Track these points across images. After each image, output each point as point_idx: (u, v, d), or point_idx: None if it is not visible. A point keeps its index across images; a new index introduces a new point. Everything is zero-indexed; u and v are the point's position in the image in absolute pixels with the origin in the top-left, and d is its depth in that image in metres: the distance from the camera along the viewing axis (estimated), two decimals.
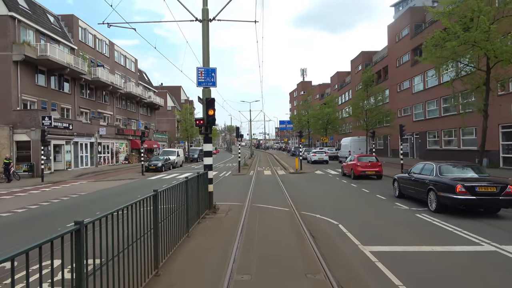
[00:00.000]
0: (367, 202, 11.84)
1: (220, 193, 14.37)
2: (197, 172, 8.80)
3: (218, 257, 5.98)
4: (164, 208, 5.55)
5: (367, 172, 18.92)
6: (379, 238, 7.14)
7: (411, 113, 34.11)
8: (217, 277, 5.04)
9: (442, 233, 7.52)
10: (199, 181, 8.77)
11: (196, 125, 10.05)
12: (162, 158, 30.75)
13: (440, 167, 10.29)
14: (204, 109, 10.00)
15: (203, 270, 5.48)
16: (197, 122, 10.00)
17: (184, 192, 7.11)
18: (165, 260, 5.54)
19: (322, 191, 15.09)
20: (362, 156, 20.42)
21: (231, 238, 7.08)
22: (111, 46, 40.61)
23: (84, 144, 30.90)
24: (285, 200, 12.12)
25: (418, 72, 32.63)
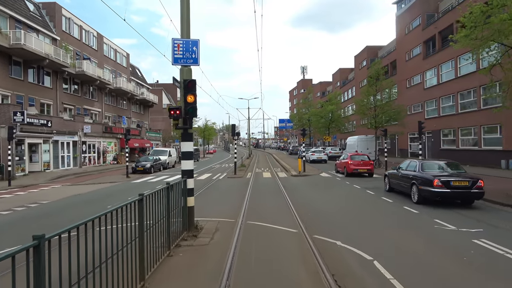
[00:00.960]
0: (399, 220, 9.18)
1: (208, 203, 11.72)
2: (167, 183, 6.12)
3: None
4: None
5: (359, 170, 19.91)
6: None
7: (423, 110, 31.47)
8: None
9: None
10: (170, 195, 6.12)
11: (171, 117, 7.37)
12: (152, 159, 28.06)
13: (422, 164, 11.62)
14: (182, 94, 7.34)
15: None
16: (172, 113, 7.34)
17: (147, 212, 4.54)
18: None
19: (335, 200, 12.41)
20: (355, 155, 21.46)
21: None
22: (99, 39, 37.87)
23: (65, 143, 28.18)
24: (290, 215, 9.45)
25: (431, 65, 30.00)
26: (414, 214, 9.53)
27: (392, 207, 10.70)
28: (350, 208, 10.76)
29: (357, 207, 10.79)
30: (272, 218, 8.98)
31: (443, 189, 10.02)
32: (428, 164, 11.78)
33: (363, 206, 11.03)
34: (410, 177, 11.62)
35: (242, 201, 11.79)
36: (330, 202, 11.90)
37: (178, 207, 6.84)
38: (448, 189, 10.02)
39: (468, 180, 10.17)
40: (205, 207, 10.92)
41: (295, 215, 9.20)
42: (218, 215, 9.62)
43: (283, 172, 24.04)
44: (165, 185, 6.01)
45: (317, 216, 9.41)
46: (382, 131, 23.02)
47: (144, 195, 4.73)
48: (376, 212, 10.08)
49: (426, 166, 11.50)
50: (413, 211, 9.89)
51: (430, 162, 12.19)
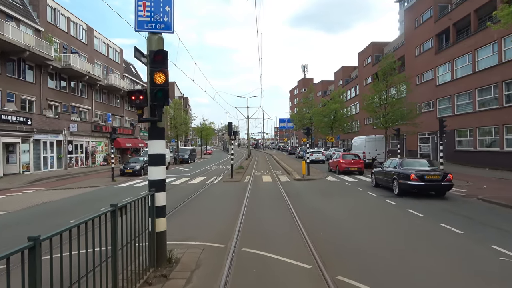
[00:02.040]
0: (448, 247, 7.00)
1: (195, 216, 9.52)
2: (110, 207, 3.89)
3: None
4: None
5: (350, 168, 21.45)
6: None
7: (435, 108, 29.26)
8: None
9: None
10: (117, 223, 3.92)
11: (132, 104, 5.18)
12: (142, 160, 25.86)
13: (402, 161, 13.42)
14: (148, 72, 5.14)
15: None
16: (133, 98, 5.14)
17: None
18: None
19: (352, 213, 10.19)
20: (346, 155, 23.22)
21: None
22: (89, 32, 35.66)
23: (48, 142, 25.96)
24: (298, 237, 7.23)
25: (445, 60, 27.80)
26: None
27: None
28: (376, 226, 8.55)
29: (384, 226, 8.59)
30: (275, 243, 6.77)
31: (418, 182, 11.75)
32: (407, 161, 13.67)
33: (393, 226, 8.84)
34: (392, 173, 13.30)
35: (237, 214, 9.58)
36: (346, 217, 9.68)
37: (142, 234, 4.67)
38: (423, 182, 11.74)
39: (440, 174, 11.96)
40: (190, 223, 8.73)
41: (305, 238, 6.98)
42: (205, 235, 7.43)
43: (284, 175, 21.82)
44: (109, 208, 3.81)
45: (334, 239, 7.20)
46: (395, 130, 20.81)
47: None
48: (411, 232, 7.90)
49: (406, 163, 13.31)
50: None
51: (409, 160, 14.27)
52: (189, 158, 41.32)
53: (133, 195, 14.21)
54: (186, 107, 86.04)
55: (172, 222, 8.88)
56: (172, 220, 9.13)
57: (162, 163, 5.47)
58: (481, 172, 20.12)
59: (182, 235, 7.45)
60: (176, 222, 8.97)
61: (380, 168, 14.74)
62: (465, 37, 25.63)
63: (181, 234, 7.60)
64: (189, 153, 42.15)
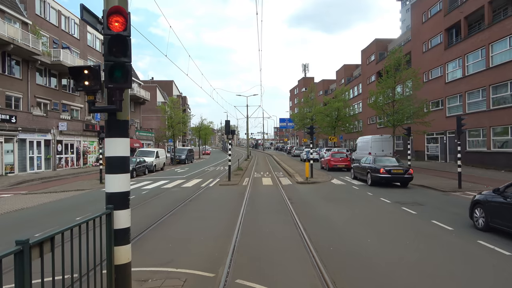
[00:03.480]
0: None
1: (179, 232, 7.99)
2: (15, 245, 2.41)
3: None
4: None
5: (338, 165, 23.90)
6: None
7: (444, 106, 27.80)
8: None
9: None
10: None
11: (78, 87, 3.70)
12: (135, 161, 24.35)
13: (374, 158, 16.92)
14: (107, 45, 3.65)
15: None
16: (80, 78, 3.66)
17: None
18: None
19: (371, 226, 8.71)
20: (335, 153, 26.10)
21: None
22: (82, 27, 34.12)
23: (35, 142, 24.45)
24: (308, 265, 5.74)
25: (455, 56, 26.33)
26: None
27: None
28: (396, 238, 7.08)
29: (403, 237, 7.12)
30: (280, 272, 5.28)
31: (386, 175, 14.95)
32: (378, 158, 16.98)
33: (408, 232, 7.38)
34: (366, 167, 16.50)
35: (232, 228, 8.09)
36: (366, 233, 8.19)
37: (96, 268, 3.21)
38: (389, 175, 14.95)
39: (403, 168, 15.22)
40: (174, 239, 7.23)
41: (317, 266, 5.49)
42: (191, 259, 5.95)
43: (286, 178, 20.34)
44: (11, 249, 2.35)
45: (357, 272, 5.72)
46: (405, 129, 19.31)
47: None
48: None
49: (377, 160, 16.65)
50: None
51: (380, 157, 17.64)
52: (186, 159, 39.79)
53: None
54: (184, 106, 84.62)
55: (152, 238, 7.40)
56: (153, 235, 7.65)
57: (125, 169, 3.97)
58: (496, 175, 18.66)
59: (162, 258, 5.97)
60: (158, 237, 7.50)
61: (358, 164, 18.30)
62: (478, 30, 24.16)
63: (161, 255, 6.13)
64: (186, 153, 40.61)
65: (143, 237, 7.43)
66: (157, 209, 10.91)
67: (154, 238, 7.44)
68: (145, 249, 6.54)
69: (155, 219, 9.12)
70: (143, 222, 8.78)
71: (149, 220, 9.07)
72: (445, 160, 27.87)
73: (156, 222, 8.88)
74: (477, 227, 7.74)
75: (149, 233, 7.85)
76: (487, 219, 7.40)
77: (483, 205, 7.58)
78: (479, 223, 7.68)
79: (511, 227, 6.74)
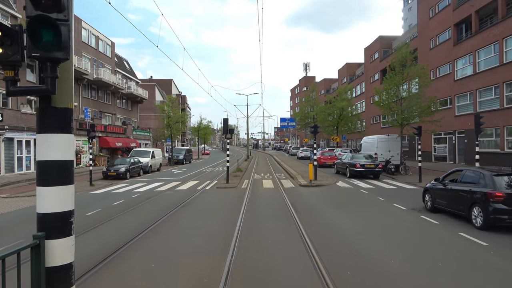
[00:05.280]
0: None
1: (164, 250, 6.75)
2: None
3: None
4: None
5: (328, 162, 27.08)
6: None
7: (452, 105, 26.57)
8: None
9: None
10: None
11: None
12: (129, 161, 23.18)
13: (352, 156, 21.06)
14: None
15: None
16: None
17: None
18: None
19: (390, 241, 7.50)
20: (325, 152, 30.45)
21: None
22: (77, 22, 32.92)
23: (24, 141, 23.26)
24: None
25: (465, 52, 25.09)
26: None
27: None
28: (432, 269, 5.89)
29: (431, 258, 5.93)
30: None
31: (361, 168, 18.72)
32: (355, 155, 20.82)
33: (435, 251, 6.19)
34: (346, 163, 20.19)
35: (227, 242, 6.88)
36: (382, 247, 6.98)
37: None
38: (363, 169, 18.72)
39: (374, 163, 19.00)
40: (157, 258, 6.01)
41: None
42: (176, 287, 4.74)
43: (288, 180, 19.12)
44: None
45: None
46: (415, 128, 18.07)
47: None
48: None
49: (355, 157, 20.37)
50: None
51: (356, 154, 21.55)
52: (184, 159, 38.57)
53: (102, 206, 11.55)
54: (183, 106, 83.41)
55: (133, 255, 6.20)
56: (134, 250, 6.45)
57: (66, 180, 2.77)
58: None
59: (139, 285, 4.77)
60: (140, 253, 6.30)
61: (340, 160, 22.02)
62: (490, 25, 22.94)
63: (138, 282, 4.92)
64: (185, 153, 39.39)
65: (122, 254, 6.24)
66: (145, 216, 9.72)
67: (135, 254, 6.25)
68: (119, 272, 5.35)
69: (139, 229, 7.93)
70: (127, 232, 7.61)
71: (134, 229, 7.90)
72: (454, 161, 26.63)
73: (142, 232, 7.69)
74: (426, 208, 10.18)
75: (130, 247, 6.66)
76: (433, 201, 9.90)
77: (429, 191, 10.18)
78: (428, 205, 10.19)
79: (448, 206, 9.23)
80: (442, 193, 9.47)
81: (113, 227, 8.61)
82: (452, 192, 9.05)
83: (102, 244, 6.97)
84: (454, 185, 9.11)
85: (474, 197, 8.10)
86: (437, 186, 9.77)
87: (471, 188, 8.33)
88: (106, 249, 6.37)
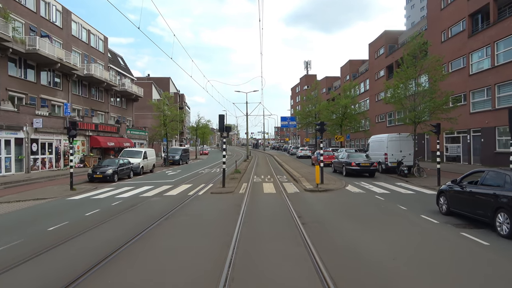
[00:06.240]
0: None
1: (129, 281, 4.84)
2: None
3: None
4: None
5: (325, 161, 24.94)
6: None
7: (467, 101, 24.70)
8: None
9: None
10: None
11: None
12: (117, 162, 21.30)
13: (348, 155, 21.64)
14: None
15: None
16: None
17: None
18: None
19: (434, 271, 5.64)
20: (324, 151, 28.93)
21: None
22: (65, 15, 31.07)
23: (3, 140, 21.34)
24: None
25: (482, 44, 23.23)
26: None
27: None
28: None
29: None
30: None
31: (356, 167, 19.52)
32: (352, 154, 21.88)
33: None
34: (342, 162, 21.09)
35: (218, 270, 5.00)
36: (423, 279, 5.11)
37: None
38: (359, 167, 19.52)
39: (369, 162, 19.71)
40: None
41: None
42: None
43: (291, 183, 17.25)
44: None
45: None
46: (433, 126, 16.16)
47: None
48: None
49: (351, 155, 21.33)
50: None
51: (352, 153, 22.51)
52: (181, 159, 36.70)
53: (70, 218, 9.68)
54: (182, 104, 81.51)
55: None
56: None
57: None
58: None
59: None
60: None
61: (337, 159, 22.87)
62: (510, 14, 21.06)
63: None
64: (181, 153, 37.51)
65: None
66: (113, 235, 7.77)
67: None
68: None
69: (100, 256, 6.04)
70: (81, 261, 5.73)
71: (92, 256, 6.00)
72: (469, 162, 24.77)
73: (100, 263, 5.79)
74: (441, 212, 9.40)
75: (87, 280, 4.78)
76: (448, 205, 9.13)
77: (445, 194, 9.33)
78: (442, 209, 9.42)
79: (466, 211, 8.39)
80: (460, 196, 8.68)
81: (67, 253, 6.53)
82: (472, 196, 8.20)
83: (38, 281, 5.09)
84: (474, 187, 8.25)
85: (499, 201, 7.28)
86: (453, 189, 8.98)
87: (495, 191, 7.52)
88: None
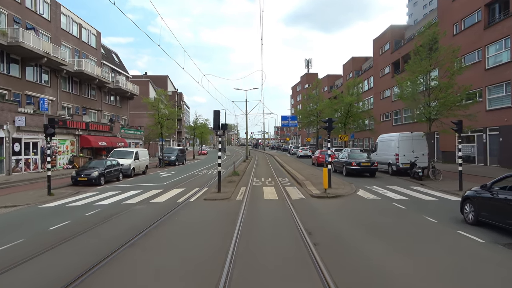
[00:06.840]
0: None
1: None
2: None
3: None
4: None
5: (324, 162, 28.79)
6: None
7: (483, 98, 22.97)
8: None
9: None
10: None
11: None
12: (104, 163, 19.56)
13: (348, 154, 21.52)
14: None
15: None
16: None
17: None
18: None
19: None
20: (324, 151, 27.06)
21: None
22: (54, 7, 29.32)
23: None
24: None
25: (499, 35, 21.52)
26: None
27: None
28: None
29: None
30: None
31: (357, 167, 19.46)
32: (352, 154, 21.68)
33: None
34: (342, 161, 21.19)
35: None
36: None
37: None
38: (359, 167, 19.46)
39: (370, 162, 19.80)
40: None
41: None
42: None
43: (294, 188, 15.50)
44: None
45: None
46: (454, 123, 14.42)
47: None
48: None
49: (351, 155, 21.24)
50: None
51: (353, 153, 22.10)
52: (177, 160, 34.93)
53: (33, 233, 7.95)
54: (180, 103, 79.78)
55: None
56: None
57: None
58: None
59: None
60: None
61: (337, 159, 22.31)
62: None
63: None
64: (177, 153, 35.76)
65: None
66: (78, 259, 6.05)
67: None
68: None
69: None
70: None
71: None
72: (484, 163, 23.04)
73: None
74: (466, 221, 8.29)
75: None
76: (476, 213, 7.99)
77: (471, 200, 8.24)
78: (469, 218, 8.28)
79: (499, 221, 7.31)
80: (491, 204, 7.62)
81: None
82: (507, 204, 7.14)
83: None
84: (510, 194, 7.15)
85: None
86: (482, 195, 7.96)
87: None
88: None
